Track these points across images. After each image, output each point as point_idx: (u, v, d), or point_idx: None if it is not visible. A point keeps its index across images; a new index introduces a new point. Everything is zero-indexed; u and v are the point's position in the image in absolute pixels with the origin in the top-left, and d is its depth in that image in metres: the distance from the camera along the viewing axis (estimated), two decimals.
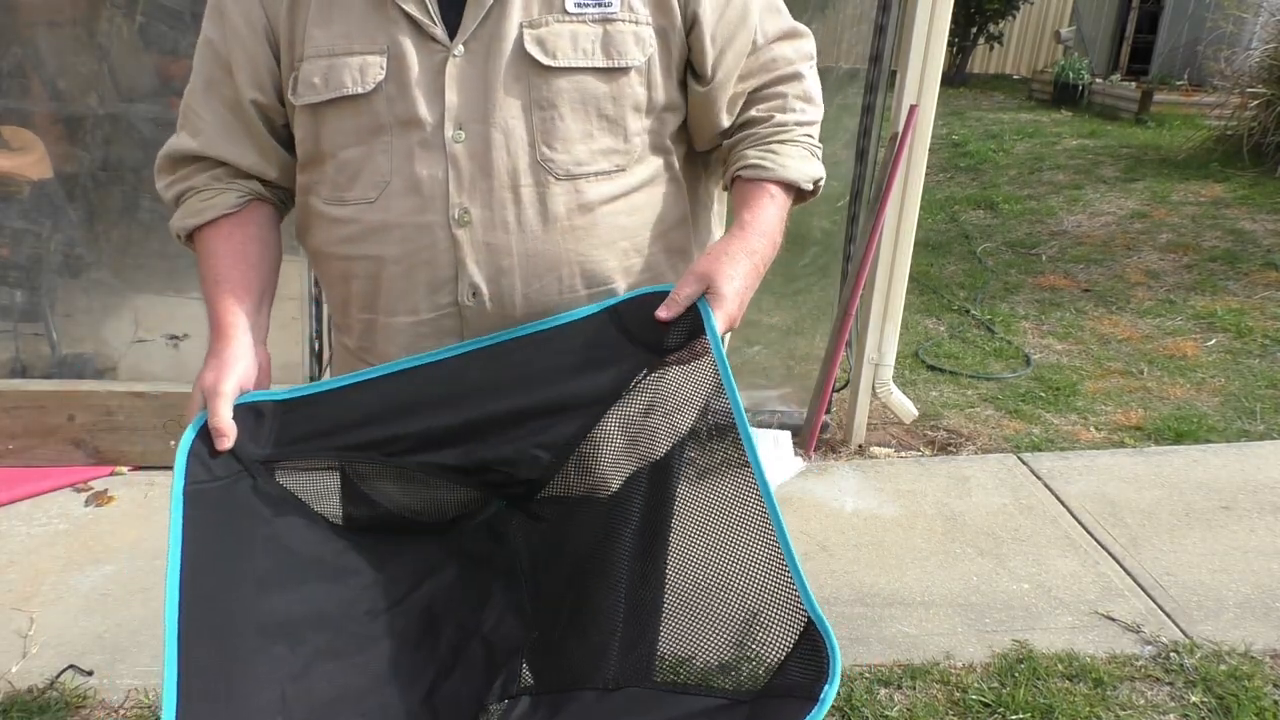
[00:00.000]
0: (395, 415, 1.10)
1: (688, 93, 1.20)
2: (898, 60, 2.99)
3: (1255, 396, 3.72)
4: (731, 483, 1.05)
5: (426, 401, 1.11)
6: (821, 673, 0.89)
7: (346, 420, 1.10)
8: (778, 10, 1.23)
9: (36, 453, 2.90)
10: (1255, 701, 2.07)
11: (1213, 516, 2.84)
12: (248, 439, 1.06)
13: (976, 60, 12.49)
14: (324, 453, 1.10)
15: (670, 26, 1.14)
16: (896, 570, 2.57)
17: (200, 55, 1.19)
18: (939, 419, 3.51)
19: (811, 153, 1.24)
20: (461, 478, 1.14)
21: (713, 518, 1.09)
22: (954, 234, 6.00)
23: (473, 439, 1.11)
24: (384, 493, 1.16)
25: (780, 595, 0.97)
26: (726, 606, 1.04)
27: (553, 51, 1.10)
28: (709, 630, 1.05)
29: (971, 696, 2.09)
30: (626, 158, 1.15)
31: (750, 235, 1.15)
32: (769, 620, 0.98)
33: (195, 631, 0.91)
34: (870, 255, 3.05)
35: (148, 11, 2.95)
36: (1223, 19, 8.76)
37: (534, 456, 1.13)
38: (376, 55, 1.10)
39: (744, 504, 1.03)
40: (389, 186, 1.12)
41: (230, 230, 1.19)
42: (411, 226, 1.12)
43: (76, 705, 2.01)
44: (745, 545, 1.03)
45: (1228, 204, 6.22)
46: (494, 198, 1.11)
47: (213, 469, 1.04)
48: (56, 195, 3.04)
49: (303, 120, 1.15)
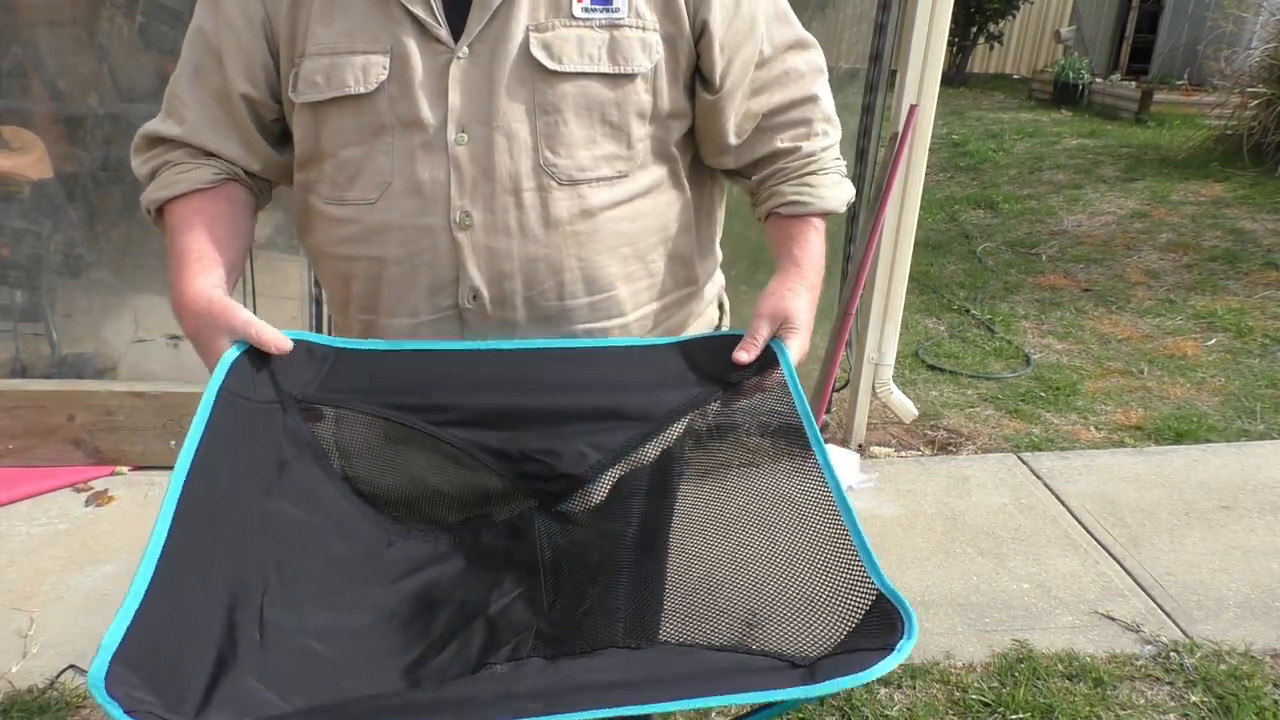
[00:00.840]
0: (451, 388, 1.11)
1: (695, 100, 1.19)
2: (898, 60, 2.99)
3: (1255, 396, 3.72)
4: (798, 477, 1.06)
5: (484, 383, 1.11)
6: (895, 629, 0.88)
7: (400, 381, 1.10)
8: (786, 20, 1.22)
9: (36, 453, 2.90)
10: (1255, 701, 2.07)
11: (1213, 516, 2.84)
12: (294, 370, 1.05)
13: (976, 60, 12.49)
14: (370, 406, 1.09)
15: (679, 34, 1.13)
16: (896, 570, 2.57)
17: (190, 43, 1.18)
18: (939, 419, 3.51)
19: (841, 175, 1.26)
20: (500, 463, 1.13)
21: (776, 506, 1.09)
22: (954, 234, 6.00)
23: (522, 426, 1.11)
24: (415, 466, 1.15)
25: (848, 572, 0.97)
26: (780, 589, 1.03)
27: (558, 56, 1.09)
28: (763, 609, 1.02)
29: (971, 696, 2.09)
30: (630, 164, 1.15)
31: (807, 271, 1.20)
32: (835, 597, 0.97)
33: (192, 501, 0.89)
34: (870, 255, 3.05)
35: (148, 11, 2.95)
36: (1223, 19, 8.76)
37: (581, 453, 1.12)
38: (380, 55, 1.09)
39: (810, 494, 1.04)
40: (390, 188, 1.11)
41: (200, 205, 1.16)
42: (412, 228, 1.11)
43: (76, 705, 2.01)
44: (810, 529, 1.02)
45: (1228, 204, 6.22)
46: (496, 201, 1.10)
47: (251, 386, 1.02)
48: (56, 195, 3.04)
49: (302, 118, 1.14)
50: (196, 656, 0.84)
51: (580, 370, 1.14)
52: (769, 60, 1.19)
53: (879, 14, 2.95)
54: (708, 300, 1.34)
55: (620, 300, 1.19)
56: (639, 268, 1.19)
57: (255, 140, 1.19)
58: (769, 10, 1.19)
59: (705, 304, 1.34)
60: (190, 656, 0.83)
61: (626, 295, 1.19)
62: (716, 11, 1.13)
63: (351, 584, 1.06)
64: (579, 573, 1.13)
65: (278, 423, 1.05)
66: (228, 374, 1.01)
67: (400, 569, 1.11)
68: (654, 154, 1.17)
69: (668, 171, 1.19)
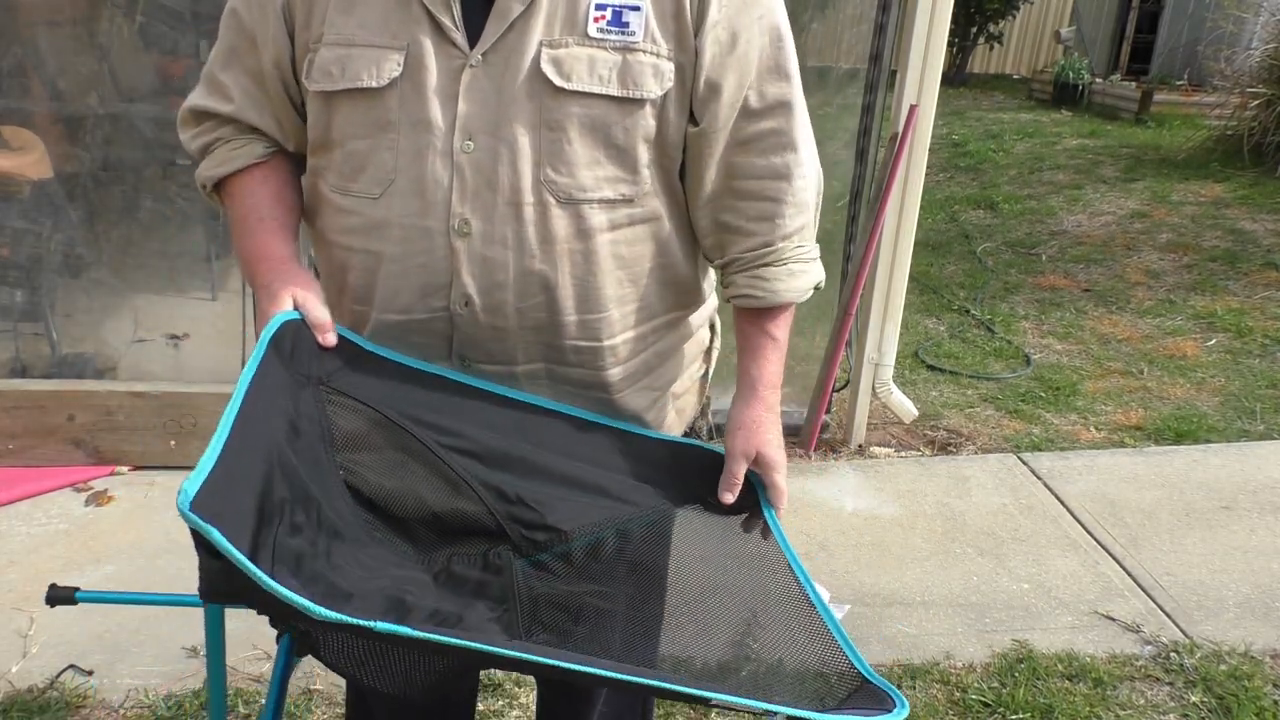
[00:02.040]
0: (465, 418, 1.15)
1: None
2: (898, 60, 2.99)
3: (1255, 396, 3.72)
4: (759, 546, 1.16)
5: (498, 424, 1.16)
6: (887, 704, 0.95)
7: (420, 396, 1.14)
8: (783, 75, 1.16)
9: (36, 452, 2.90)
10: (1255, 701, 2.07)
11: (1213, 516, 2.84)
12: (326, 354, 1.10)
13: (976, 60, 12.48)
14: (387, 409, 1.14)
15: (687, 63, 1.12)
16: (896, 570, 2.57)
17: (226, 24, 1.20)
18: (939, 419, 3.51)
19: (804, 262, 1.23)
20: (494, 499, 1.15)
21: (741, 571, 1.19)
22: (954, 234, 6.00)
23: (522, 473, 1.15)
24: (411, 477, 1.15)
25: (829, 659, 1.05)
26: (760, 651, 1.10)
27: (568, 74, 1.08)
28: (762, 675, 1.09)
29: (971, 696, 2.09)
30: (634, 189, 1.14)
31: (765, 393, 1.24)
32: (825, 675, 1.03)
33: (253, 398, 0.97)
34: (870, 255, 3.05)
35: (148, 11, 2.95)
36: (1223, 19, 8.75)
37: (571, 513, 1.16)
38: (395, 51, 1.10)
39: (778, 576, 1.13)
40: (393, 185, 1.12)
41: (265, 175, 1.21)
42: (412, 229, 1.12)
43: (76, 705, 2.01)
44: (780, 605, 1.12)
45: (1228, 204, 6.22)
46: (495, 213, 1.10)
47: (288, 352, 1.07)
48: (56, 195, 3.04)
49: (315, 105, 1.16)
50: (248, 512, 0.92)
51: (582, 442, 1.20)
52: (756, 113, 1.16)
53: (879, 14, 2.95)
54: (699, 324, 1.34)
55: (611, 321, 1.19)
56: (632, 291, 1.19)
57: (290, 119, 1.21)
58: (767, 60, 1.15)
59: (696, 327, 1.34)
60: (247, 509, 0.91)
61: (618, 317, 1.19)
62: (709, 43, 1.11)
63: (336, 550, 1.07)
64: (559, 614, 1.13)
65: (297, 393, 1.09)
66: (279, 329, 1.07)
67: (375, 566, 1.11)
68: (659, 184, 1.16)
69: (671, 203, 1.19)
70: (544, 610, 1.13)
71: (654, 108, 1.11)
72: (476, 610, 1.11)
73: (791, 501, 2.98)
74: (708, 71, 1.12)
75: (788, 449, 1.35)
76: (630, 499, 1.19)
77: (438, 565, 1.15)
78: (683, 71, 1.12)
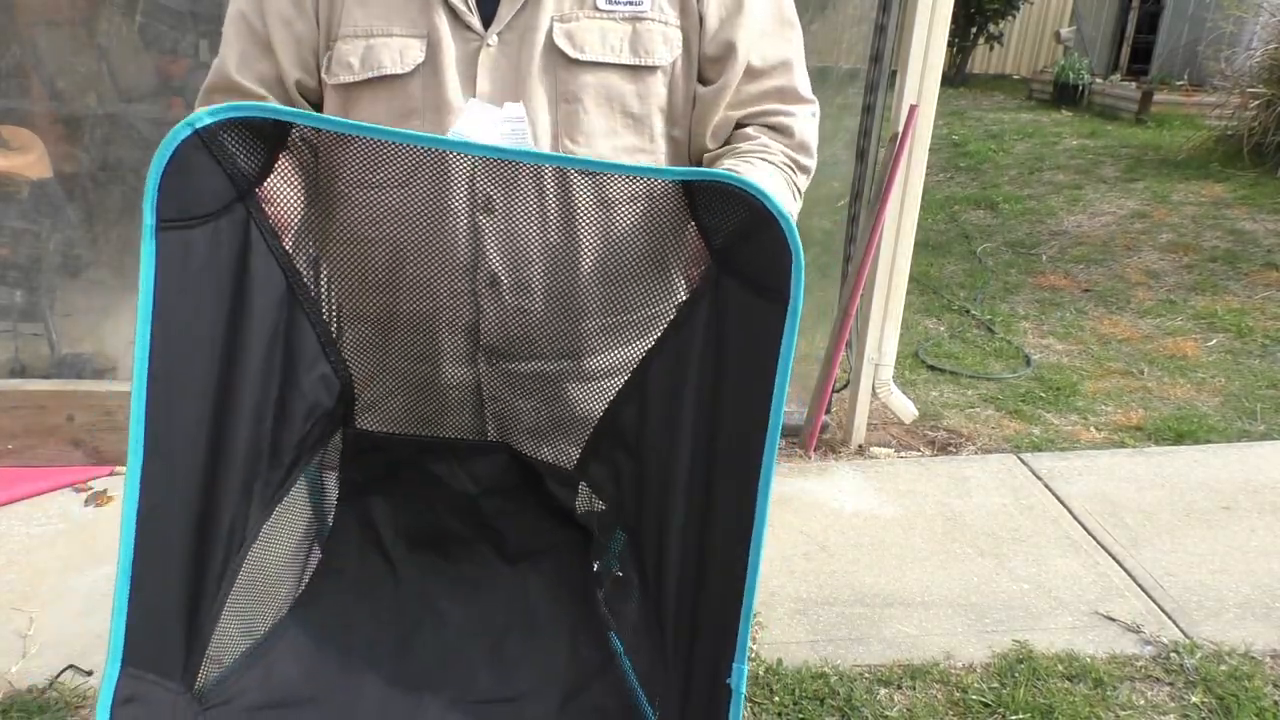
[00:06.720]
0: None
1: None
2: (898, 60, 2.99)
3: (1255, 396, 3.72)
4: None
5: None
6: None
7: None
8: (785, 39, 1.21)
9: (36, 453, 2.90)
10: (1255, 701, 2.06)
11: (1213, 516, 2.84)
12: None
13: (976, 60, 12.48)
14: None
15: (691, 29, 1.16)
16: (896, 570, 2.57)
17: (234, 28, 1.19)
18: (939, 419, 3.51)
19: (791, 187, 1.21)
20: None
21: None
22: (954, 234, 5.99)
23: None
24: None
25: None
26: None
27: (580, 45, 1.12)
28: None
29: (971, 696, 2.09)
30: (652, 157, 1.17)
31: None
32: None
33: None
34: (870, 255, 3.05)
35: (148, 11, 2.95)
36: (1223, 19, 8.75)
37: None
38: (416, 39, 1.13)
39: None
40: (417, 168, 1.13)
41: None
42: (436, 209, 1.13)
43: (76, 705, 2.01)
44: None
45: (1228, 204, 6.22)
46: (518, 187, 1.12)
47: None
48: (56, 195, 3.04)
49: (332, 100, 1.17)
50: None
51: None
52: (758, 74, 1.20)
53: (879, 14, 2.95)
54: None
55: (631, 294, 1.19)
56: (652, 264, 1.19)
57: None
58: (770, 18, 1.19)
59: None
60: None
61: (638, 291, 1.19)
62: (711, 7, 1.16)
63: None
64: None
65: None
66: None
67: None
68: (672, 157, 1.19)
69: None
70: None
71: (665, 75, 1.16)
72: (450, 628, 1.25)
73: (791, 501, 2.99)
74: (713, 33, 1.16)
75: (788, 449, 1.34)
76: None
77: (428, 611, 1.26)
78: (689, 38, 1.16)
